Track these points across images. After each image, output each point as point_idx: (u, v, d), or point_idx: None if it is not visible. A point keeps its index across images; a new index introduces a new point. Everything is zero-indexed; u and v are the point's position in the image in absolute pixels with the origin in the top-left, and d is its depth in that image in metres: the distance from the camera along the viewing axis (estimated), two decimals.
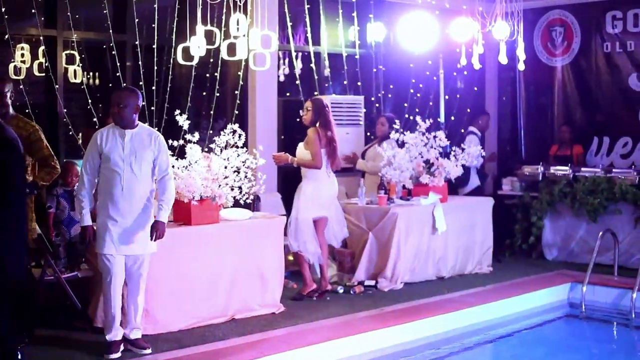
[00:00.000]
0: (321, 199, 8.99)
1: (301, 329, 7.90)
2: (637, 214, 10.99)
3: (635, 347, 9.22)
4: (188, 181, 7.71)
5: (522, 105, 13.85)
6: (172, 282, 7.60)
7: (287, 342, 7.41)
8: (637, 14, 12.58)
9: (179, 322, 7.69)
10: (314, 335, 7.65)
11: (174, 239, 7.58)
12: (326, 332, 7.81)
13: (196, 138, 7.90)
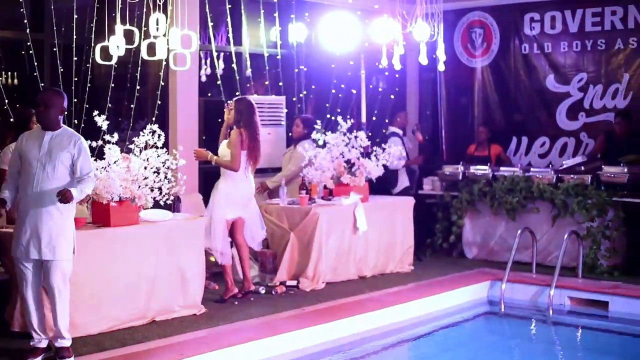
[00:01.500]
0: (236, 199, 8.98)
1: (222, 330, 7.88)
2: (554, 213, 11.19)
3: (553, 343, 9.38)
4: (107, 182, 7.60)
5: (443, 105, 13.99)
6: (91, 284, 7.49)
7: (207, 343, 7.38)
8: (554, 16, 12.79)
9: (98, 325, 7.59)
10: (235, 336, 7.63)
11: (93, 241, 7.51)
12: (248, 332, 7.79)
13: (115, 139, 7.81)
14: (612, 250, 10.82)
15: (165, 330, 7.74)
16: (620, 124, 11.75)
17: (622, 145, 11.56)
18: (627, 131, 11.71)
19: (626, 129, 11.71)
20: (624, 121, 11.73)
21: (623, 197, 10.88)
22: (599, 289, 9.98)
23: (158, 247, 8.06)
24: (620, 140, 11.71)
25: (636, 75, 12.06)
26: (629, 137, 11.68)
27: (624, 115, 11.81)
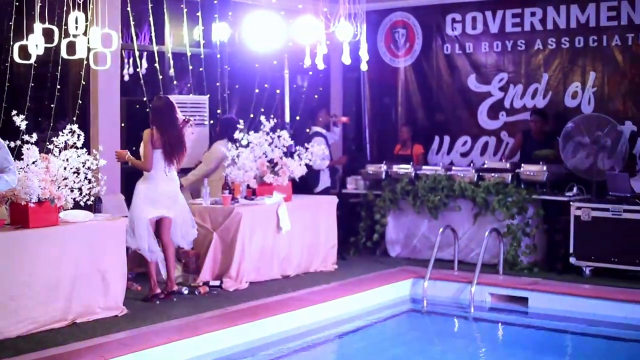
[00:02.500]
0: (157, 198, 8.93)
1: (144, 331, 7.81)
2: (475, 211, 11.35)
3: (475, 339, 9.53)
4: (25, 183, 7.49)
5: (367, 105, 14.05)
6: (9, 286, 7.36)
7: (129, 344, 7.31)
8: (475, 17, 12.92)
9: (17, 328, 7.45)
10: (157, 337, 7.58)
11: (11, 243, 7.40)
12: (170, 333, 7.75)
13: (34, 139, 7.71)
14: (532, 247, 11.02)
15: (86, 333, 7.65)
16: (536, 122, 11.98)
17: (538, 143, 11.85)
18: (542, 129, 11.95)
19: (541, 127, 11.95)
20: (539, 120, 11.97)
21: (542, 194, 11.10)
22: (519, 285, 10.17)
23: (78, 248, 7.96)
24: (536, 139, 11.96)
25: (555, 76, 12.26)
26: (544, 136, 11.94)
27: (539, 114, 12.05)
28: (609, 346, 8.99)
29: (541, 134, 11.94)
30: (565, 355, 8.85)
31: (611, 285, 10.01)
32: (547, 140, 11.87)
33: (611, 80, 11.86)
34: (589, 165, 11.09)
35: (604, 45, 11.86)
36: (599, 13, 11.88)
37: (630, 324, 9.24)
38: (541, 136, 11.93)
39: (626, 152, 11.08)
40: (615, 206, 10.40)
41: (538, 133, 11.95)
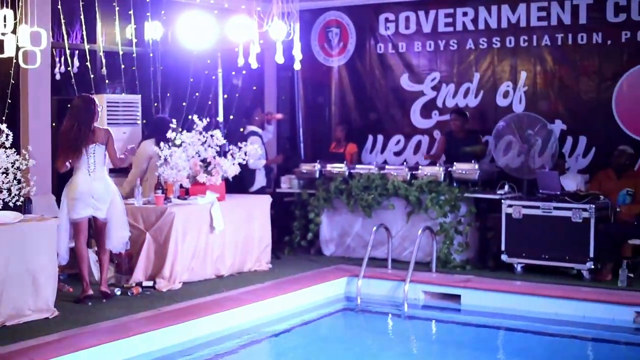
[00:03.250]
0: (81, 198, 8.83)
1: (75, 333, 7.71)
2: (408, 209, 11.43)
3: (408, 336, 9.57)
4: None
5: (301, 104, 14.07)
6: None
7: (60, 347, 7.21)
8: (408, 17, 13.01)
9: None
10: (88, 339, 7.49)
11: None
12: (101, 335, 7.66)
13: None
14: (464, 244, 11.14)
15: (15, 335, 7.51)
16: (456, 121, 12.16)
17: (462, 142, 12.04)
18: (463, 128, 12.15)
19: (462, 126, 12.14)
20: (459, 119, 12.16)
21: (474, 193, 11.22)
22: (452, 282, 10.26)
23: (7, 249, 7.82)
24: (459, 137, 12.14)
25: (486, 75, 12.41)
26: (466, 133, 12.15)
27: (459, 113, 12.24)
28: (540, 342, 9.10)
29: (462, 132, 12.14)
30: (498, 351, 8.95)
31: (542, 282, 10.16)
32: (469, 137, 12.09)
33: (541, 79, 12.05)
34: (519, 164, 11.25)
35: (534, 45, 12.05)
36: (530, 13, 12.06)
37: (561, 320, 9.38)
38: (463, 134, 12.13)
39: (556, 150, 11.25)
40: (546, 204, 10.56)
41: (459, 132, 12.14)
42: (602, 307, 9.38)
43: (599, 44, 11.61)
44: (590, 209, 10.26)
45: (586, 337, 9.18)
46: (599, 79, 11.66)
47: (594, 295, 9.58)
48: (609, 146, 11.27)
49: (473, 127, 12.36)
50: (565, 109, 11.88)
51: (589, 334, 9.20)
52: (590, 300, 9.48)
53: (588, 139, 11.70)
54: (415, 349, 9.00)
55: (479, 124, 12.42)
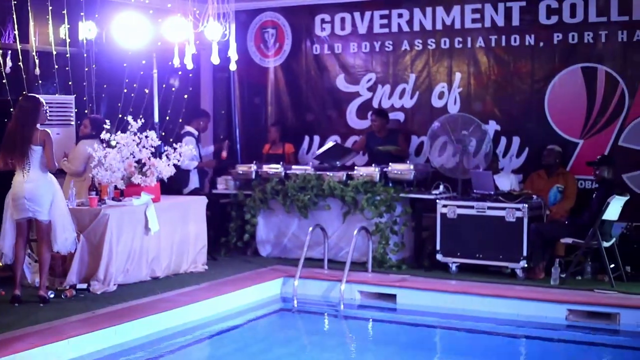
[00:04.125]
0: (17, 200, 8.75)
1: (7, 337, 7.59)
2: (344, 209, 11.47)
3: (344, 336, 9.62)
4: None
5: (237, 105, 14.02)
6: None
7: None
8: (344, 18, 13.05)
9: None
10: (20, 343, 7.37)
11: None
12: (34, 338, 7.55)
13: None
14: (400, 244, 11.23)
15: None
16: (375, 122, 12.28)
17: (382, 141, 12.20)
18: (384, 127, 12.27)
19: (382, 126, 12.26)
20: (379, 119, 12.27)
21: (410, 193, 11.31)
22: (387, 282, 10.33)
23: None
24: (380, 137, 12.26)
25: (422, 76, 12.50)
26: (386, 133, 12.26)
27: (379, 114, 12.35)
28: (474, 340, 9.20)
29: (383, 132, 12.25)
30: (433, 350, 9.00)
31: (476, 281, 10.29)
32: (390, 137, 12.21)
33: (476, 81, 12.17)
34: (454, 164, 11.36)
35: (468, 47, 12.17)
36: (464, 15, 12.18)
37: (495, 318, 9.50)
38: (383, 133, 12.26)
39: (490, 151, 11.37)
40: (480, 203, 10.69)
41: (380, 131, 12.25)
42: (535, 305, 9.54)
43: (532, 46, 11.77)
44: (523, 208, 10.40)
45: (520, 335, 9.31)
46: (531, 80, 11.82)
47: (527, 294, 9.73)
48: (542, 146, 11.45)
49: (409, 128, 12.45)
50: (499, 110, 12.02)
51: (522, 332, 9.33)
52: (523, 299, 9.63)
53: (521, 139, 11.85)
54: (352, 348, 9.03)
55: (414, 124, 12.51)
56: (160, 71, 12.60)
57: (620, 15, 11.23)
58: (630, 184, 11.06)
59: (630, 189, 10.96)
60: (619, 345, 8.90)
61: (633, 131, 11.14)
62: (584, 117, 11.40)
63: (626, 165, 11.10)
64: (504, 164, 11.84)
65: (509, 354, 8.77)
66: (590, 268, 10.49)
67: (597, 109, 11.34)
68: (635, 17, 11.13)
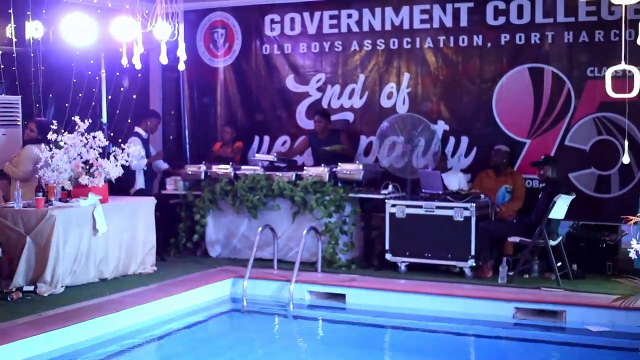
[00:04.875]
0: None
1: None
2: (294, 209, 11.48)
3: (294, 336, 9.64)
4: None
5: (186, 105, 13.96)
6: None
7: None
8: (293, 18, 13.04)
9: None
10: None
11: None
12: None
13: None
14: (349, 244, 11.25)
15: None
16: (319, 122, 12.33)
17: (325, 141, 12.23)
18: (326, 128, 12.32)
19: (325, 127, 12.31)
20: (322, 119, 12.33)
21: (359, 193, 11.34)
22: (337, 282, 10.36)
23: None
24: (322, 137, 12.30)
25: (371, 76, 12.54)
26: (329, 133, 12.32)
27: (322, 114, 12.40)
28: (424, 339, 9.26)
29: (325, 132, 12.30)
30: (383, 349, 9.04)
31: (425, 280, 10.35)
32: (332, 137, 12.26)
33: (424, 81, 12.23)
34: (403, 164, 11.41)
35: (417, 47, 12.23)
36: (412, 16, 12.23)
37: (444, 317, 9.56)
38: (326, 134, 12.30)
39: (438, 150, 11.45)
40: (428, 203, 10.75)
41: (322, 132, 12.30)
42: (483, 303, 9.61)
43: (480, 46, 11.86)
44: (471, 207, 10.49)
45: (468, 334, 9.39)
46: (479, 81, 11.92)
47: (475, 292, 9.81)
48: (490, 146, 11.54)
49: (357, 128, 12.51)
50: (447, 110, 12.09)
51: (470, 330, 9.41)
52: (471, 297, 9.71)
53: (470, 139, 11.94)
54: (301, 348, 9.04)
55: (363, 125, 12.55)
56: (109, 71, 12.54)
57: (566, 16, 11.34)
58: (577, 183, 11.19)
59: (577, 188, 11.10)
60: (565, 342, 8.98)
61: (579, 131, 11.27)
62: (531, 117, 11.51)
63: (572, 164, 11.24)
64: (452, 163, 11.92)
65: (458, 352, 8.81)
66: (538, 266, 10.61)
67: (543, 109, 11.46)
68: (581, 18, 11.26)
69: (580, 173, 11.24)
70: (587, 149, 11.22)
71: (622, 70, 7.17)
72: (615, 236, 10.76)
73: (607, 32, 11.04)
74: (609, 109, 10.93)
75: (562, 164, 10.90)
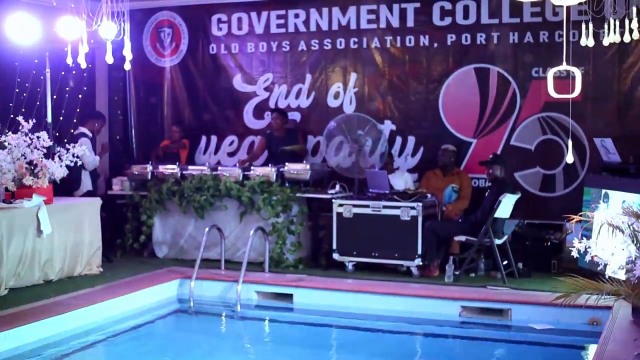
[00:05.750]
0: None
1: None
2: (241, 210, 11.46)
3: (241, 336, 9.60)
4: None
5: (133, 105, 13.86)
6: None
7: None
8: (240, 18, 13.02)
9: None
10: None
11: None
12: None
13: None
14: (296, 244, 11.27)
15: None
16: (277, 120, 12.32)
17: (282, 140, 12.21)
18: (283, 127, 12.32)
19: (282, 125, 12.31)
20: (279, 117, 12.33)
21: (306, 192, 11.35)
22: (284, 282, 10.36)
23: None
24: (279, 136, 12.30)
25: (318, 76, 12.56)
26: (286, 132, 12.33)
27: (279, 112, 12.41)
28: (371, 338, 9.27)
29: (282, 131, 12.29)
30: (330, 349, 9.04)
31: (372, 279, 10.39)
32: (290, 136, 12.27)
33: (371, 81, 12.30)
34: (350, 164, 11.46)
35: (364, 47, 12.28)
36: (359, 16, 12.29)
37: (391, 316, 9.59)
38: (283, 132, 12.29)
39: (385, 150, 11.51)
40: (375, 202, 10.80)
41: (279, 130, 12.28)
42: (429, 302, 9.67)
43: (426, 47, 11.95)
44: (417, 207, 10.54)
45: (415, 332, 9.45)
46: (426, 81, 12.00)
47: (422, 291, 9.86)
48: (436, 146, 11.64)
49: (305, 128, 12.52)
50: (394, 110, 12.15)
51: (417, 329, 9.47)
52: (418, 296, 9.75)
53: (416, 138, 12.02)
54: (249, 349, 9.02)
55: (311, 124, 12.57)
56: (54, 70, 12.38)
57: (511, 17, 11.48)
58: (522, 182, 11.33)
59: (522, 187, 11.23)
60: (511, 340, 9.09)
61: (524, 131, 11.40)
62: (477, 117, 11.63)
63: (518, 163, 11.38)
64: (399, 163, 11.99)
65: (405, 351, 8.84)
66: (484, 265, 10.72)
67: (489, 109, 11.57)
68: (526, 19, 11.40)
69: (526, 172, 11.38)
70: (532, 149, 11.36)
71: (566, 70, 7.25)
72: (560, 235, 10.87)
73: (551, 33, 11.20)
74: (554, 109, 11.09)
75: (508, 164, 11.01)
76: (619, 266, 7.46)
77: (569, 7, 7.49)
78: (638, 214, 5.42)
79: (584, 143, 11.06)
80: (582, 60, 10.87)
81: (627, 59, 10.99)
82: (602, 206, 8.22)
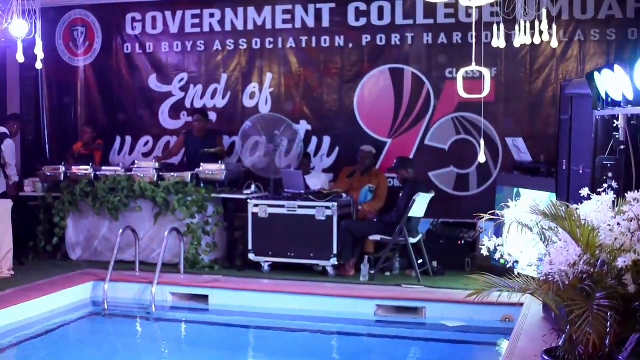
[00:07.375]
0: None
1: None
2: (156, 210, 11.35)
3: (157, 338, 9.53)
4: None
5: (46, 105, 13.64)
6: None
7: None
8: (155, 17, 12.93)
9: None
10: None
11: None
12: None
13: None
14: (212, 245, 11.22)
15: None
16: (199, 121, 12.21)
17: (202, 141, 12.09)
18: (204, 127, 12.23)
19: (203, 126, 12.21)
20: (201, 118, 12.23)
21: (222, 193, 11.30)
22: (200, 283, 10.31)
23: None
24: (199, 137, 12.20)
25: (233, 76, 12.54)
26: (206, 133, 12.22)
27: (201, 113, 12.33)
28: (287, 338, 9.29)
29: (203, 132, 12.20)
30: (247, 349, 9.03)
31: (288, 279, 10.40)
32: (210, 137, 12.17)
33: (287, 81, 12.33)
34: (266, 164, 11.46)
35: (279, 47, 12.31)
36: (275, 16, 12.31)
37: (307, 316, 9.62)
38: (203, 133, 12.20)
39: (301, 150, 11.54)
40: (291, 202, 10.80)
41: (200, 131, 12.19)
42: (345, 301, 9.72)
43: (342, 47, 12.02)
44: (333, 207, 10.58)
45: (331, 331, 9.49)
46: (341, 81, 12.07)
47: (337, 291, 9.89)
48: (352, 146, 11.72)
49: (220, 128, 12.48)
50: (310, 110, 12.20)
51: (333, 328, 9.52)
52: (334, 296, 9.79)
53: (332, 139, 12.09)
54: (164, 351, 8.95)
55: (226, 124, 12.53)
56: None
57: (425, 18, 11.61)
58: (436, 182, 11.47)
59: (436, 186, 11.36)
60: (425, 338, 9.19)
61: (438, 131, 11.54)
62: (392, 117, 11.73)
63: (432, 163, 11.52)
64: (315, 163, 12.02)
65: (321, 350, 8.88)
66: (399, 264, 10.81)
67: (404, 109, 11.69)
68: (439, 21, 11.54)
69: (440, 172, 11.52)
70: (446, 148, 11.51)
71: (478, 71, 7.35)
72: (474, 233, 11.01)
73: (464, 34, 11.35)
74: (467, 109, 11.25)
75: (422, 163, 11.16)
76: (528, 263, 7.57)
77: (480, 9, 7.61)
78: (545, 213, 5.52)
79: (496, 143, 11.24)
80: (495, 61, 11.07)
81: (537, 60, 11.19)
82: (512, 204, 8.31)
